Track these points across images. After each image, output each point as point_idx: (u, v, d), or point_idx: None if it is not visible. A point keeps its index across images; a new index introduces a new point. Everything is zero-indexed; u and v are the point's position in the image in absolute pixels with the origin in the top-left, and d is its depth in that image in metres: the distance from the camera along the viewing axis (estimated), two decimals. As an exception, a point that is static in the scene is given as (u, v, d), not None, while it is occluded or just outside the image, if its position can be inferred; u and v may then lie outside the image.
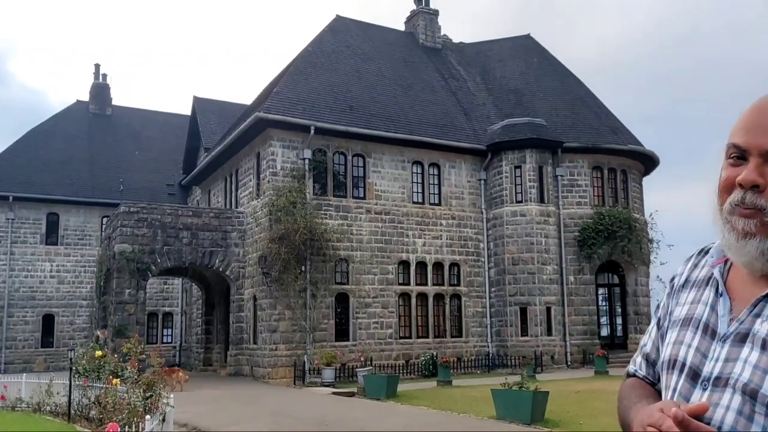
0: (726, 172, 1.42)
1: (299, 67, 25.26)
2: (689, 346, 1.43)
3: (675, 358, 1.45)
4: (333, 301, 22.04)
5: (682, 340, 1.46)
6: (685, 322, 1.48)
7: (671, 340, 1.49)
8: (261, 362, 21.63)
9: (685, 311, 1.50)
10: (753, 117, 1.39)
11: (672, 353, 1.46)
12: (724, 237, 1.42)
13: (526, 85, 28.71)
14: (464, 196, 25.29)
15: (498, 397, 12.32)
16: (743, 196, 1.36)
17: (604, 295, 26.66)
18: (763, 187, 1.35)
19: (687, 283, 1.56)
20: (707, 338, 1.41)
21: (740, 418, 1.27)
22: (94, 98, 37.39)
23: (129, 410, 8.77)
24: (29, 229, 30.93)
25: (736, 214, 1.38)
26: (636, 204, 26.77)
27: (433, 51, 30.73)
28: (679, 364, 1.43)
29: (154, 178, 34.73)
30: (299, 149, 22.31)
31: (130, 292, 21.36)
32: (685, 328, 1.46)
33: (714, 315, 1.43)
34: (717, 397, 1.32)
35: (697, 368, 1.39)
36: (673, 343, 1.48)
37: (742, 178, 1.36)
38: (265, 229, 21.73)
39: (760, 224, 1.34)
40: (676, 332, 1.49)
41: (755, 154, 1.36)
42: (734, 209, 1.38)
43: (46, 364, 29.24)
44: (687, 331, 1.46)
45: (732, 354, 1.34)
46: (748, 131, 1.38)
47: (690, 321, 1.47)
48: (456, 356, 23.15)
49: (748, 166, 1.36)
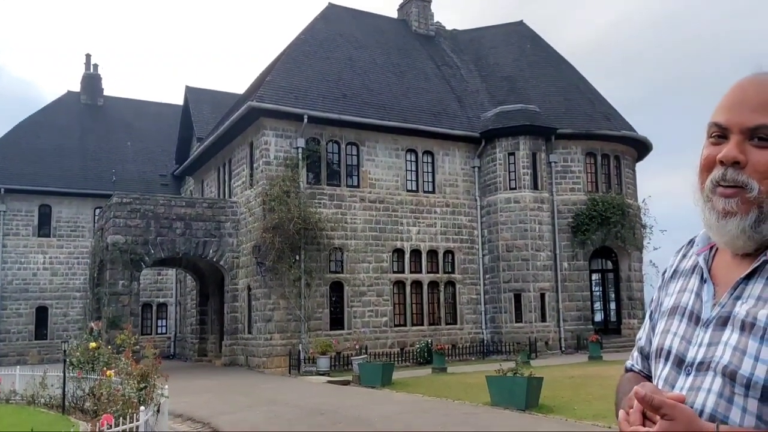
0: (707, 151, 1.42)
1: (292, 55, 25.11)
2: (675, 335, 1.44)
3: (662, 347, 1.46)
4: (328, 289, 22.04)
5: (668, 329, 1.46)
6: (672, 312, 1.48)
7: (660, 329, 1.50)
8: (256, 352, 21.65)
9: (672, 301, 1.50)
10: (734, 95, 1.39)
11: (659, 343, 1.47)
12: (704, 216, 1.42)
13: (520, 71, 28.64)
14: (458, 183, 25.27)
15: (493, 384, 12.36)
16: (724, 172, 1.36)
17: (598, 281, 26.76)
18: (744, 164, 1.34)
19: (675, 274, 1.57)
20: (692, 325, 1.41)
21: (721, 401, 1.28)
22: (86, 89, 37.13)
23: (123, 401, 8.74)
24: (21, 221, 30.77)
25: (717, 194, 1.38)
26: (629, 190, 26.82)
27: (426, 38, 30.60)
28: (665, 353, 1.44)
29: (147, 168, 34.58)
30: (292, 138, 22.22)
31: (123, 284, 21.30)
32: (672, 318, 1.47)
33: (699, 302, 1.43)
34: (699, 381, 1.33)
35: (682, 355, 1.39)
36: (660, 332, 1.49)
37: (723, 155, 1.36)
38: (258, 219, 21.67)
39: (741, 202, 1.34)
40: (664, 322, 1.49)
41: (736, 131, 1.36)
42: (715, 188, 1.38)
43: (40, 357, 29.17)
44: (674, 320, 1.46)
45: (714, 338, 1.34)
46: (729, 109, 1.38)
47: (676, 310, 1.47)
48: (451, 343, 23.23)
49: (728, 144, 1.36)
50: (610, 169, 26.42)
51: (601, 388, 14.20)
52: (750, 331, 1.28)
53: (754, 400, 1.25)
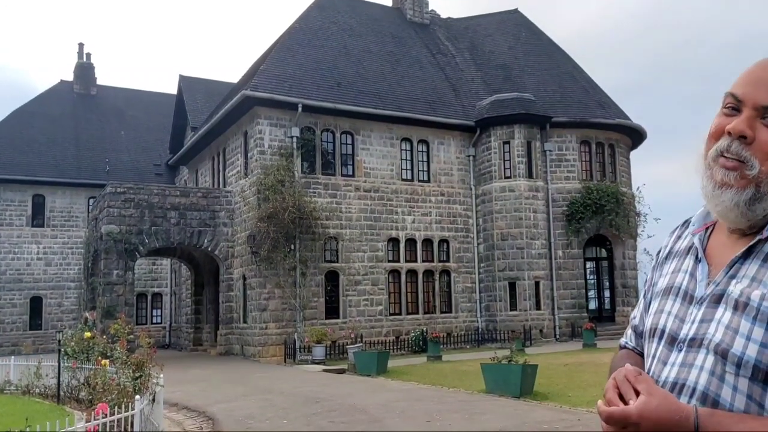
0: (718, 120, 1.42)
1: (286, 44, 24.98)
2: (669, 314, 1.44)
3: (656, 326, 1.46)
4: (323, 279, 22.05)
5: (662, 308, 1.47)
6: (665, 292, 1.49)
7: (653, 309, 1.51)
8: (251, 341, 21.67)
9: (667, 281, 1.51)
10: (755, 72, 1.40)
11: (653, 322, 1.48)
12: (702, 184, 1.43)
13: (515, 60, 28.57)
14: (453, 172, 25.25)
15: (487, 372, 12.41)
16: (729, 144, 1.37)
17: (592, 269, 26.85)
18: (750, 140, 1.35)
19: (670, 255, 1.58)
20: (686, 304, 1.42)
21: (713, 379, 1.29)
22: (79, 78, 36.94)
23: (118, 391, 8.75)
24: (15, 211, 30.67)
25: (718, 164, 1.38)
26: (623, 178, 26.87)
27: (421, 26, 30.46)
28: (658, 332, 1.45)
29: (141, 158, 34.45)
30: (287, 127, 22.15)
31: (118, 273, 21.26)
32: (666, 297, 1.48)
33: (693, 281, 1.44)
34: (692, 357, 1.33)
35: (675, 333, 1.40)
36: (654, 312, 1.49)
37: (732, 127, 1.36)
38: (253, 208, 21.63)
39: (740, 177, 1.35)
40: (657, 302, 1.50)
41: (749, 106, 1.36)
42: (717, 158, 1.39)
43: (34, 347, 29.16)
44: (667, 300, 1.47)
45: (707, 315, 1.35)
46: (747, 84, 1.39)
47: (670, 290, 1.48)
48: (446, 332, 23.30)
49: (740, 117, 1.37)
50: (605, 157, 26.44)
51: (595, 375, 14.28)
52: (743, 310, 1.29)
53: (744, 379, 1.25)
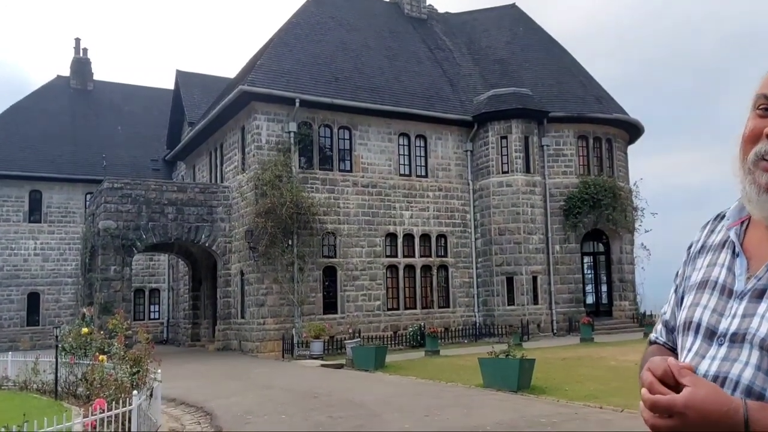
0: (753, 123, 1.39)
1: (283, 39, 24.91)
2: (705, 307, 1.42)
3: (690, 320, 1.44)
4: (320, 274, 22.05)
5: (698, 302, 1.45)
6: (701, 285, 1.46)
7: (687, 303, 1.48)
8: (249, 336, 21.68)
9: (702, 275, 1.48)
10: None
11: (687, 315, 1.46)
12: (744, 189, 1.39)
13: (512, 54, 28.54)
14: (451, 167, 25.24)
15: (485, 366, 12.44)
16: None
17: (590, 264, 26.88)
18: None
19: (703, 249, 1.54)
20: (724, 298, 1.40)
21: (759, 373, 1.26)
22: (75, 73, 36.82)
23: (116, 386, 8.74)
24: (12, 207, 30.60)
25: (760, 168, 1.35)
26: (621, 172, 26.88)
27: (419, 21, 30.40)
28: (694, 325, 1.42)
29: (138, 153, 34.37)
30: (284, 122, 22.11)
31: (115, 269, 21.24)
32: (702, 291, 1.45)
33: (731, 275, 1.41)
34: (735, 352, 1.31)
35: (713, 327, 1.38)
36: (689, 306, 1.47)
37: None
38: (251, 204, 21.61)
39: None
40: (692, 295, 1.47)
41: None
42: (758, 161, 1.35)
43: (32, 343, 29.16)
44: (703, 294, 1.44)
45: (749, 310, 1.33)
46: None
47: (706, 284, 1.46)
48: (443, 326, 23.32)
49: None
50: (602, 152, 26.45)
51: (592, 370, 14.33)
52: None
53: None
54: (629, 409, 9.41)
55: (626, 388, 11.57)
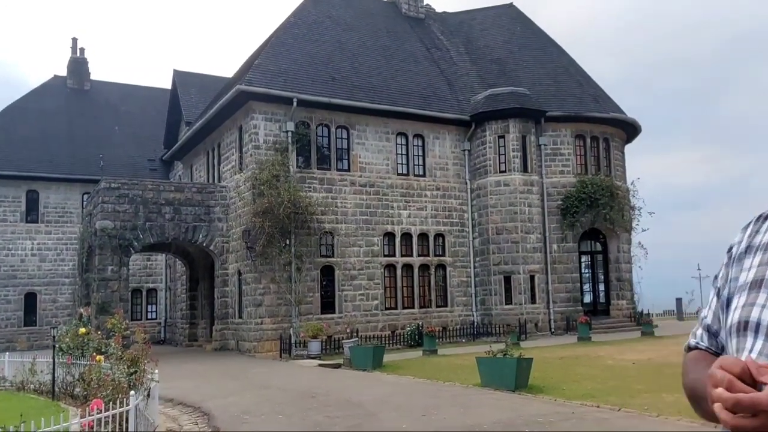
0: None
1: (281, 38, 24.90)
2: (763, 307, 1.39)
3: (747, 320, 1.40)
4: (318, 274, 22.04)
5: (753, 302, 1.41)
6: (753, 285, 1.43)
7: (739, 304, 1.44)
8: (247, 336, 21.66)
9: (752, 275, 1.45)
10: None
11: (743, 315, 1.42)
12: None
13: (509, 54, 28.56)
14: (448, 166, 25.25)
15: (483, 365, 12.44)
16: None
17: (587, 263, 26.91)
18: None
19: (750, 249, 1.51)
20: None
21: None
22: (72, 73, 36.76)
23: (113, 386, 8.73)
24: (9, 207, 30.55)
25: None
26: (618, 172, 26.92)
27: (416, 21, 30.41)
28: (752, 325, 1.39)
29: (135, 153, 34.33)
30: (282, 122, 22.10)
31: (112, 269, 21.21)
32: (755, 291, 1.42)
33: None
34: None
35: None
36: (742, 306, 1.43)
37: None
38: (248, 203, 21.59)
39: None
40: (744, 296, 1.44)
41: None
42: None
43: (29, 343, 29.12)
44: (759, 293, 1.41)
45: None
46: None
47: (759, 283, 1.43)
48: (441, 326, 23.34)
49: None
50: (600, 151, 26.49)
51: (589, 369, 14.35)
52: None
53: None
54: (626, 408, 9.43)
55: (623, 387, 11.59)
